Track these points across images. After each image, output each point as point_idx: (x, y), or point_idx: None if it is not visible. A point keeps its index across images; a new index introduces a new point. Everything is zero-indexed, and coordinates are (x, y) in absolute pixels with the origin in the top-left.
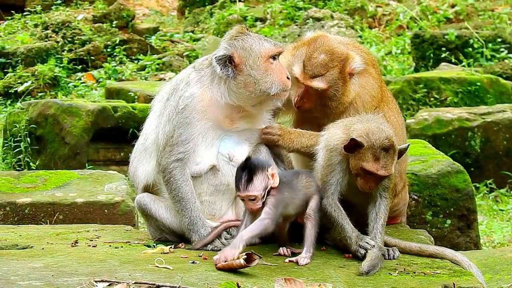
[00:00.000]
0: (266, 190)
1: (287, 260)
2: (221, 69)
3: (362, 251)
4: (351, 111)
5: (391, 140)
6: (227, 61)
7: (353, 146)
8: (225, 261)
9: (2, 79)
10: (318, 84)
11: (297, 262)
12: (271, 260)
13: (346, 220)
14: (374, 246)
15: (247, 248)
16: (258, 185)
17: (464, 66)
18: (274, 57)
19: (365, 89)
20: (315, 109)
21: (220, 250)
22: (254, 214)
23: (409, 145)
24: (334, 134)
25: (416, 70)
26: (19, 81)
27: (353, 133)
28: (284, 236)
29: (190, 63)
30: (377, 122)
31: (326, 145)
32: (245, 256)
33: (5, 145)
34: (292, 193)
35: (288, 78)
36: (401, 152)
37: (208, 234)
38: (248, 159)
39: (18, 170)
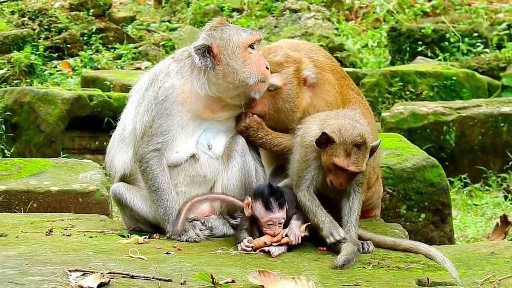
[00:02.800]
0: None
1: (258, 250)
2: (199, 59)
3: (332, 239)
4: None
5: (363, 136)
6: (206, 51)
7: (324, 141)
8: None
9: None
10: (274, 80)
11: (269, 253)
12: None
13: (320, 207)
14: (345, 238)
15: (223, 239)
16: (285, 209)
17: (440, 60)
18: (252, 47)
19: (319, 97)
20: (268, 114)
21: (195, 241)
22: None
23: (380, 141)
24: (310, 129)
25: (392, 63)
26: None
27: (326, 128)
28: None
29: (166, 53)
30: (352, 118)
31: (301, 141)
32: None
33: None
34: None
35: (267, 68)
36: (373, 150)
37: (178, 218)
38: (271, 185)
39: None
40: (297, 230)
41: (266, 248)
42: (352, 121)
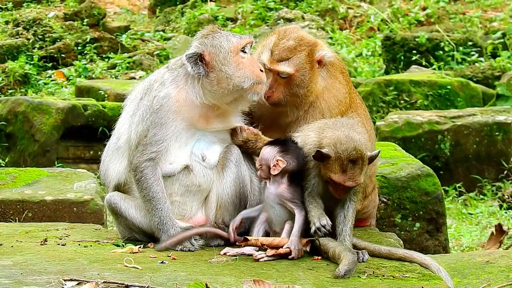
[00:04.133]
0: (269, 169)
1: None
2: (192, 68)
3: (318, 224)
4: (317, 114)
5: (359, 151)
6: (198, 59)
7: (320, 157)
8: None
9: None
10: (285, 68)
11: (256, 259)
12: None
13: (318, 207)
14: (326, 225)
15: (218, 248)
16: (265, 153)
17: (434, 69)
18: (244, 51)
19: (331, 92)
20: (284, 100)
21: (189, 250)
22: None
23: (379, 151)
24: (308, 137)
25: (387, 72)
26: None
27: (323, 141)
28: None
29: (160, 62)
30: (349, 128)
31: (301, 147)
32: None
33: None
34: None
35: (261, 70)
36: (371, 159)
37: (177, 233)
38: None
39: None
40: (299, 244)
41: (250, 252)
42: (350, 131)
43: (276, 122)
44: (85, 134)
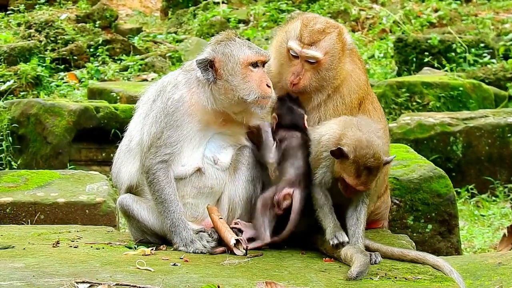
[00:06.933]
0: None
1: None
2: (201, 73)
3: (336, 241)
4: (338, 98)
5: (378, 159)
6: (208, 65)
7: (339, 154)
8: None
9: None
10: (314, 52)
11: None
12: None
13: (330, 210)
14: (348, 242)
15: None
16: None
17: (446, 70)
18: (255, 65)
19: (352, 77)
20: (310, 87)
21: (202, 252)
22: None
23: (394, 157)
24: (330, 128)
25: (399, 74)
26: (1, 80)
27: (344, 138)
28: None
29: (172, 64)
30: (371, 132)
31: (319, 137)
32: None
33: None
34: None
35: (268, 86)
36: (385, 164)
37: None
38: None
39: (0, 169)
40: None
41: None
42: (371, 136)
43: None
44: (97, 136)
